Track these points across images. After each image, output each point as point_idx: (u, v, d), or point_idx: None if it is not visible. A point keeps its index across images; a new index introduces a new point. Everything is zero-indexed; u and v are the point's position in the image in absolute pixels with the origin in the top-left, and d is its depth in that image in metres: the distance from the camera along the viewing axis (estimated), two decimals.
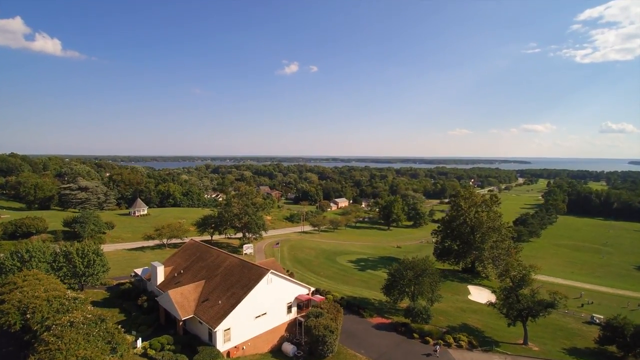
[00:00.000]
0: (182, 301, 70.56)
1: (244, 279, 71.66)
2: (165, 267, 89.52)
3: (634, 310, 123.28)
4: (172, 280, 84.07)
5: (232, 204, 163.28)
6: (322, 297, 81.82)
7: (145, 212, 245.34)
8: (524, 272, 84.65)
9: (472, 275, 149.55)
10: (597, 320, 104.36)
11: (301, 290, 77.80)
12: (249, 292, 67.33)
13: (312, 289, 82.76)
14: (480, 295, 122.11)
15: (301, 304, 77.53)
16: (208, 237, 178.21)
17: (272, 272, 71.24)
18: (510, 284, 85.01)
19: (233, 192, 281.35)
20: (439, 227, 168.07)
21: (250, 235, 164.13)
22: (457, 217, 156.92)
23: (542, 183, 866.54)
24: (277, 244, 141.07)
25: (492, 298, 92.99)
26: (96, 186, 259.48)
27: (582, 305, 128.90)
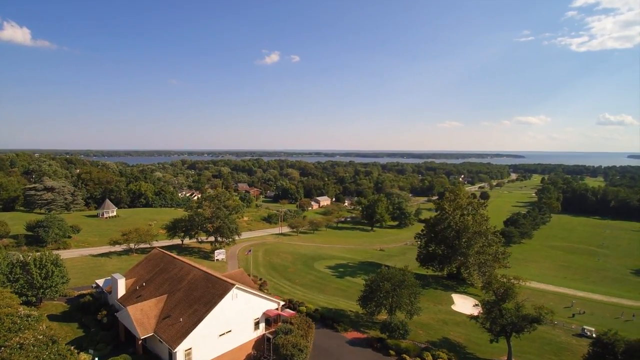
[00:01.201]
0: (142, 318, 69.73)
1: (208, 294, 71.00)
2: (127, 279, 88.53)
3: (628, 321, 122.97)
4: (133, 294, 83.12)
5: (203, 207, 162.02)
6: (293, 312, 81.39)
7: (114, 213, 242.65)
8: (507, 284, 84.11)
9: (457, 282, 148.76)
10: (588, 333, 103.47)
11: (270, 305, 77.38)
12: (212, 309, 66.76)
13: (282, 302, 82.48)
14: (464, 304, 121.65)
15: (270, 319, 77.17)
16: (179, 242, 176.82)
17: (237, 287, 70.65)
18: (493, 297, 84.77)
19: (210, 190, 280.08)
20: (422, 230, 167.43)
21: (222, 240, 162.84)
22: (441, 220, 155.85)
23: (536, 179, 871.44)
24: (250, 250, 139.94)
25: (477, 309, 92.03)
26: (63, 186, 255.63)
27: (573, 315, 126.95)
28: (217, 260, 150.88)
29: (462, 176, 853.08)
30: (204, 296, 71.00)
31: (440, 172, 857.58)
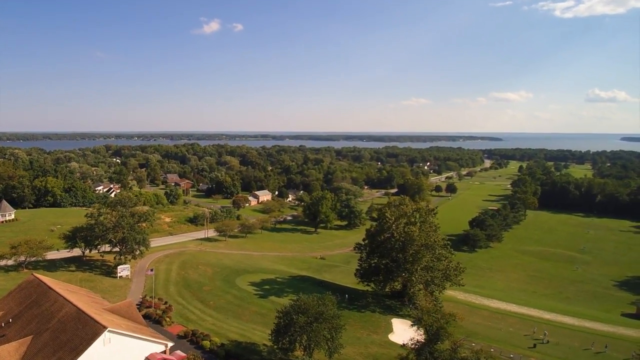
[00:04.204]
0: None
1: (76, 338, 69.04)
2: None
3: (599, 354, 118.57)
4: None
5: (104, 215, 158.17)
6: (183, 355, 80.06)
7: (12, 216, 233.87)
8: (441, 321, 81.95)
9: (402, 302, 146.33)
10: None
11: (154, 348, 76.09)
12: (78, 358, 64.82)
13: (170, 344, 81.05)
14: (405, 332, 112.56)
15: None
16: (80, 254, 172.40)
17: (110, 330, 68.84)
18: (425, 335, 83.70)
19: (116, 191, 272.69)
20: (364, 239, 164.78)
21: (127, 254, 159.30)
22: (382, 230, 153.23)
23: (514, 166, 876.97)
24: (152, 270, 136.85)
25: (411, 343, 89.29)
26: None
27: (535, 345, 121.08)
28: (121, 277, 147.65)
29: (428, 164, 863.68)
30: (71, 340, 68.96)
31: (403, 159, 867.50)
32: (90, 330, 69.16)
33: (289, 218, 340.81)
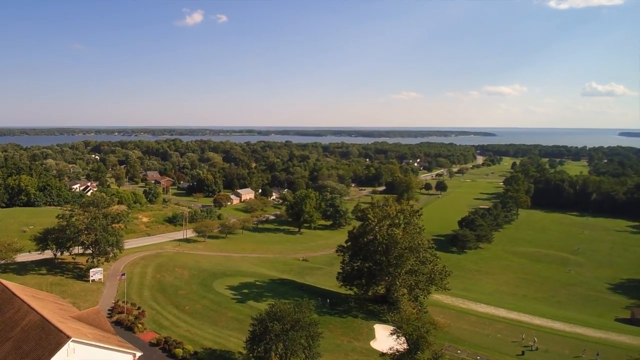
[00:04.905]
0: None
1: (39, 348, 68.19)
2: None
3: None
4: None
5: (76, 216, 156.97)
6: None
7: None
8: (422, 329, 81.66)
9: (385, 307, 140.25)
10: None
11: (121, 358, 75.44)
12: None
13: (139, 353, 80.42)
14: (388, 339, 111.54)
15: None
16: (52, 256, 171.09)
17: (74, 340, 68.12)
18: (405, 345, 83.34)
19: (93, 189, 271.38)
20: (346, 241, 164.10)
21: (99, 257, 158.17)
22: (365, 232, 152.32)
23: (507, 163, 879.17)
24: (123, 275, 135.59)
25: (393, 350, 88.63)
26: None
27: (523, 352, 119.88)
28: (93, 280, 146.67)
29: (418, 160, 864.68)
30: (34, 351, 68.12)
31: (392, 156, 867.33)
32: (53, 340, 68.38)
33: (272, 217, 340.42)
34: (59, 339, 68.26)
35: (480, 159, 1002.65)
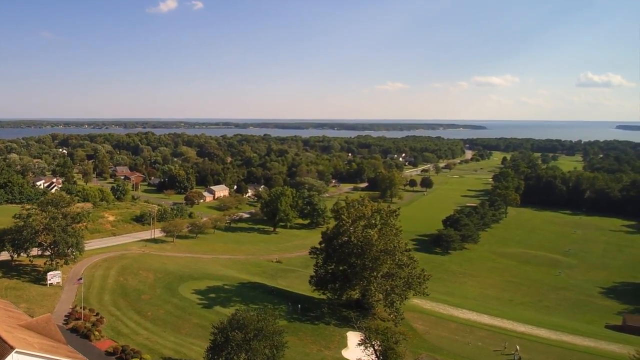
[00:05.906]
0: None
1: None
2: None
3: None
4: None
5: (33, 216, 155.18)
6: None
7: None
8: (390, 340, 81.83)
9: (361, 312, 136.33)
10: None
11: None
12: None
13: None
14: (360, 348, 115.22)
15: None
16: (8, 258, 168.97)
17: (18, 351, 67.17)
18: (373, 356, 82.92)
19: (58, 186, 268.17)
20: (320, 243, 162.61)
21: (58, 259, 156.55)
22: (339, 233, 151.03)
23: (497, 157, 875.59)
24: (80, 279, 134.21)
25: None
26: None
27: None
28: (51, 284, 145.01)
29: (403, 155, 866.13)
30: None
31: (376, 150, 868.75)
32: None
33: (247, 216, 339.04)
34: (2, 349, 67.32)
35: (469, 154, 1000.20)
